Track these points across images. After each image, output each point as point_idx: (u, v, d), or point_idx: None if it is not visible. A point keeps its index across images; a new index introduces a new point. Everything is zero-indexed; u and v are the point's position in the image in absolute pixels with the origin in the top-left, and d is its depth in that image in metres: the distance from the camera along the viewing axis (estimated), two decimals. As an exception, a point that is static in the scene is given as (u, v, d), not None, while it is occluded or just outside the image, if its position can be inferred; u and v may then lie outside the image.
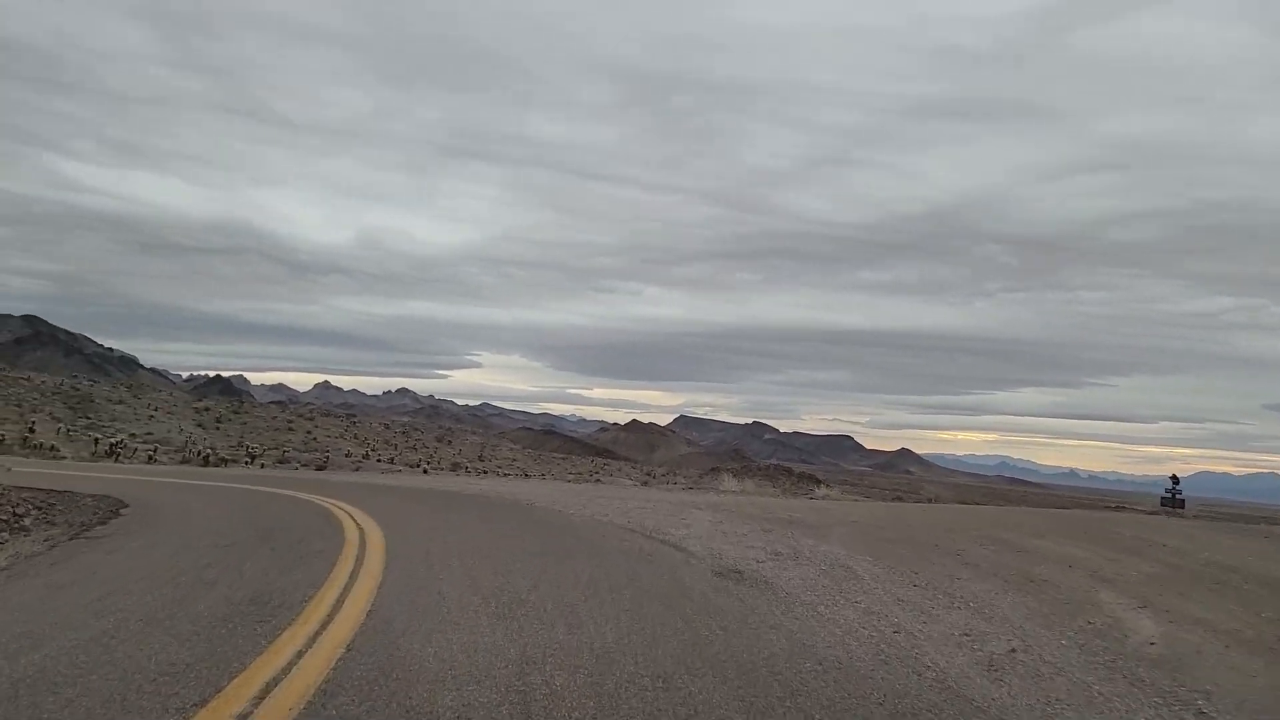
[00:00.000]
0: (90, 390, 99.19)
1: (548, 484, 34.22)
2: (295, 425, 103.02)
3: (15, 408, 76.67)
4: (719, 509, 17.63)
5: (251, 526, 13.27)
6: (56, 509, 14.43)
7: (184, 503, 17.57)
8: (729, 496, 27.23)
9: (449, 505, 18.06)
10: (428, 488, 24.77)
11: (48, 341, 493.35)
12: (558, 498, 20.52)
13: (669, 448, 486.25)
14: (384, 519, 14.34)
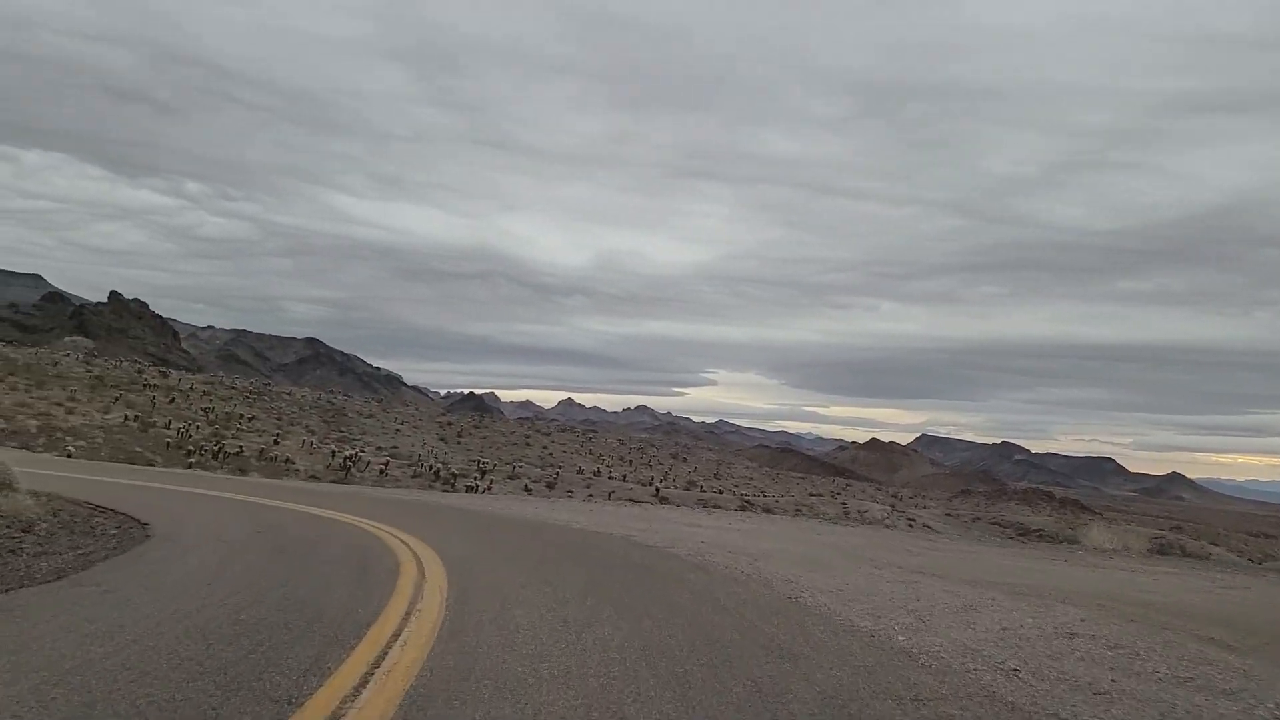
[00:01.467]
0: (344, 405, 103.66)
1: (790, 525, 26.94)
2: (532, 440, 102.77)
3: (276, 421, 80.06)
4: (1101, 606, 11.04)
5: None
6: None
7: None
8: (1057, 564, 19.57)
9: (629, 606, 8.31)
10: (639, 538, 16.83)
11: (325, 361, 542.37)
12: (824, 567, 12.94)
13: (911, 468, 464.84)
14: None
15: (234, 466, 38.63)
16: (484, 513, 20.55)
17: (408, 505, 20.34)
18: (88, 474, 21.93)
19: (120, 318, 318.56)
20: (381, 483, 43.83)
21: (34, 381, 63.16)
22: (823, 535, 21.44)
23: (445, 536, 13.52)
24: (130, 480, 21.96)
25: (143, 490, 18.93)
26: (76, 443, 34.66)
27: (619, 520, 21.34)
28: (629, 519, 22.27)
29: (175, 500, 17.31)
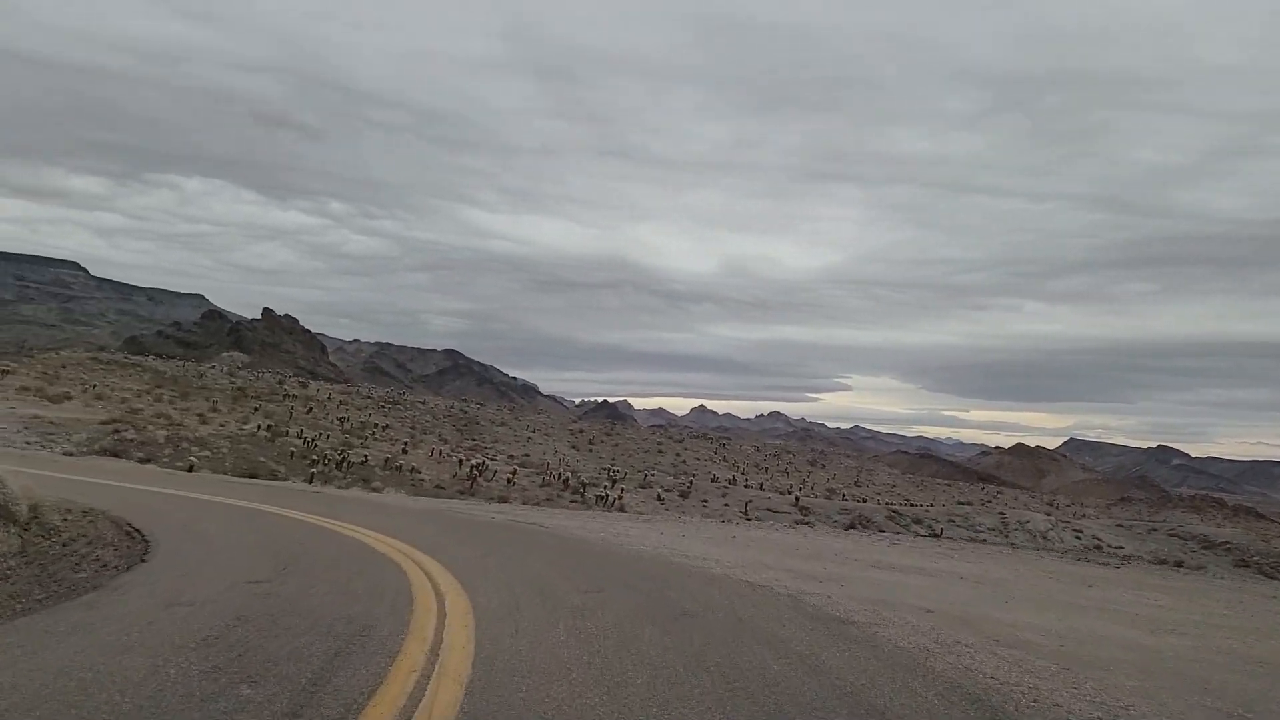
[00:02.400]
0: (477, 413, 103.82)
1: (1020, 565, 20.48)
2: (665, 448, 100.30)
3: (410, 430, 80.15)
4: None
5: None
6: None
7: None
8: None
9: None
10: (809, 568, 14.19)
11: (464, 372, 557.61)
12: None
13: (1060, 474, 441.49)
14: None
15: (357, 476, 37.31)
16: (596, 545, 15.07)
17: (501, 533, 15.94)
18: (175, 487, 20.21)
19: (273, 333, 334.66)
20: (507, 493, 41.87)
21: (179, 393, 64.62)
22: (1098, 589, 15.54)
23: (519, 606, 8.02)
24: (204, 495, 19.61)
25: (203, 507, 16.49)
26: (201, 453, 33.87)
27: (775, 555, 16.27)
28: (789, 554, 16.93)
29: (222, 520, 14.60)
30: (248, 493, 20.07)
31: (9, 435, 33.29)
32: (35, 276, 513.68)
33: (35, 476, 18.44)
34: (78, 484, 18.35)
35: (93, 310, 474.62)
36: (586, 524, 20.96)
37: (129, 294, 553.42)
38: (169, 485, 20.09)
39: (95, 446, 33.57)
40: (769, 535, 23.87)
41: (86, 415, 39.88)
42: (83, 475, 20.66)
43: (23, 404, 41.27)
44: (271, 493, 20.47)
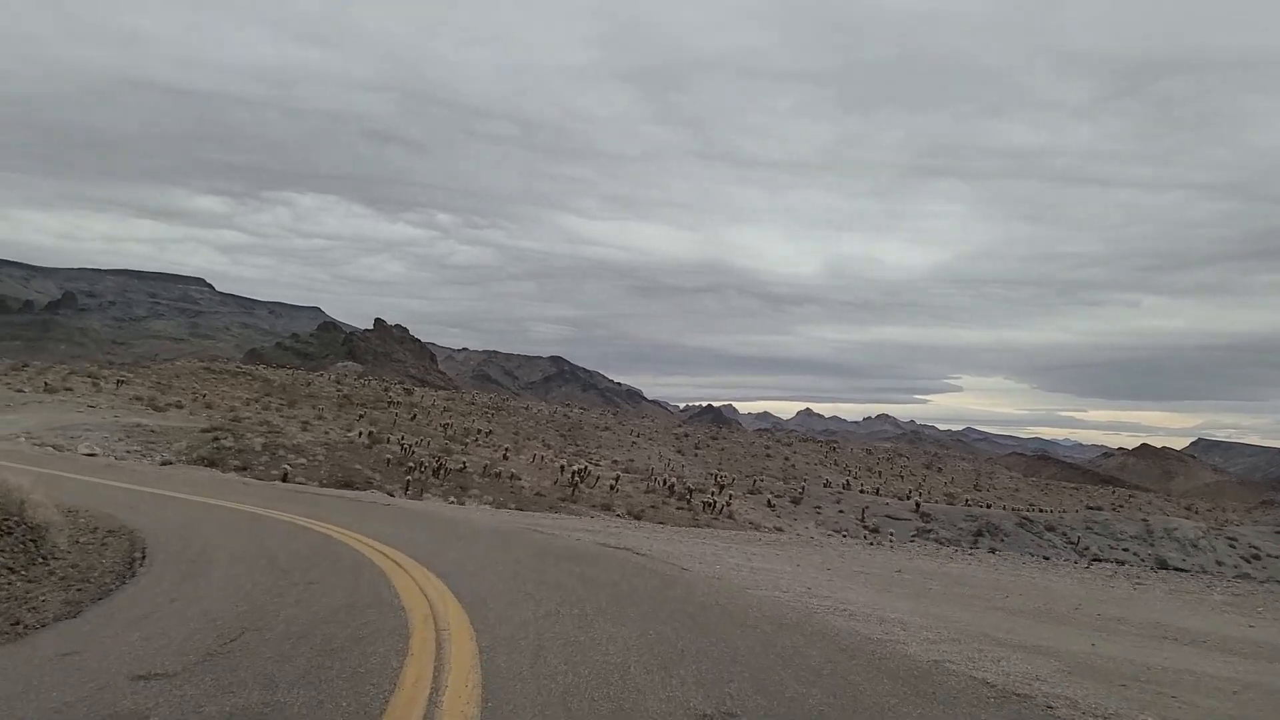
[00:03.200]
0: (580, 418, 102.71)
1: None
2: (773, 452, 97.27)
3: (513, 436, 79.41)
4: None
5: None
6: None
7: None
8: None
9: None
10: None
11: (570, 378, 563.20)
12: None
13: (1189, 475, 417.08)
14: None
15: (454, 484, 35.98)
16: (710, 593, 10.28)
17: (587, 569, 11.52)
18: (242, 499, 18.53)
19: (384, 342, 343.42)
20: (609, 500, 39.98)
21: (287, 401, 65.16)
22: None
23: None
24: (259, 508, 16.81)
25: (240, 523, 14.35)
26: (296, 461, 33.01)
27: (980, 610, 11.71)
28: (995, 605, 12.37)
29: (243, 537, 12.52)
30: (315, 507, 18.08)
31: (109, 444, 33.07)
32: (166, 293, 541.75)
33: (99, 490, 17.27)
34: (143, 497, 17.18)
35: (218, 324, 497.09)
36: (696, 547, 16.62)
37: (251, 308, 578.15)
38: (241, 499, 18.42)
39: (193, 455, 33.07)
40: (944, 568, 18.45)
41: (188, 423, 39.76)
42: (156, 487, 19.46)
43: (128, 412, 41.46)
44: (337, 506, 18.40)
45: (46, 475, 14.77)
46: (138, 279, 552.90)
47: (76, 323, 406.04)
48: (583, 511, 37.43)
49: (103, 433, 34.64)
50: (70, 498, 13.47)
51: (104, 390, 52.18)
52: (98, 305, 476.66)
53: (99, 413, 39.96)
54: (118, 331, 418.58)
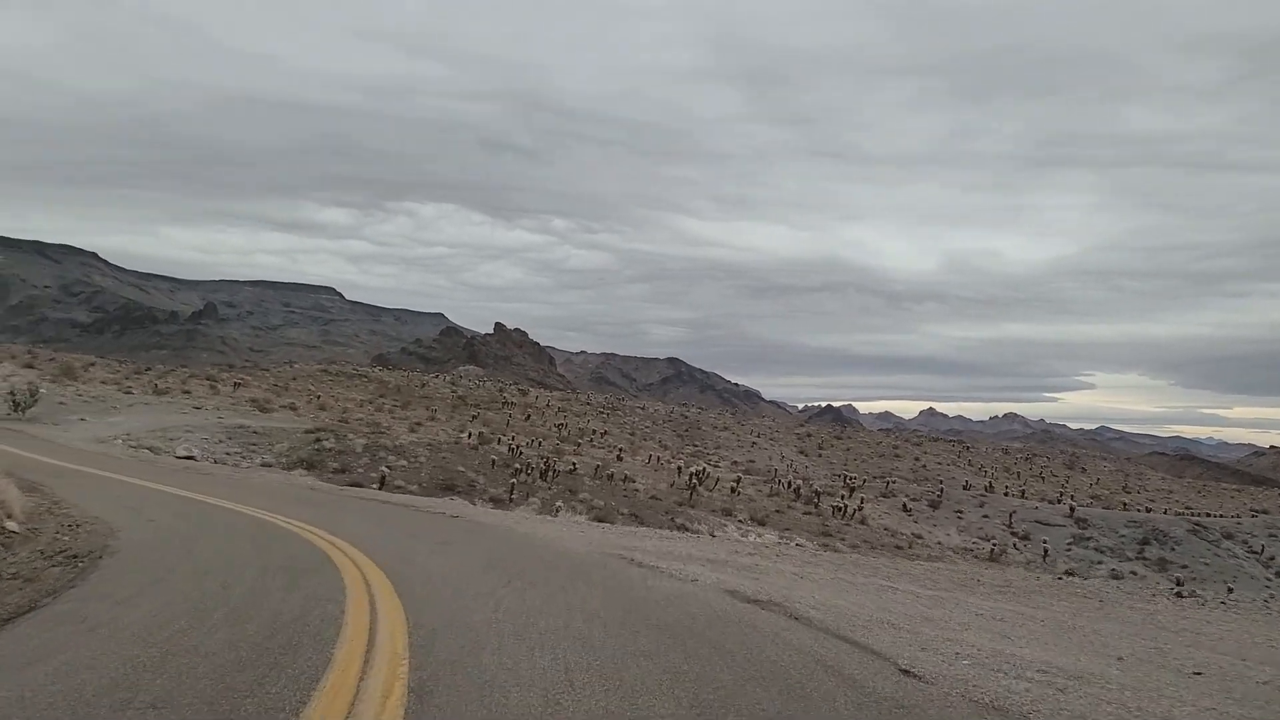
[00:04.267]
0: (698, 418, 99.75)
1: None
2: (902, 451, 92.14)
3: (629, 436, 77.16)
4: None
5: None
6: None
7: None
8: None
9: None
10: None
11: (687, 380, 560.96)
12: None
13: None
14: None
15: (563, 487, 33.58)
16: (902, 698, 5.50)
17: (699, 664, 6.04)
18: (304, 510, 16.16)
19: (504, 346, 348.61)
20: (730, 504, 36.94)
21: (401, 403, 64.54)
22: None
23: None
24: (308, 523, 14.37)
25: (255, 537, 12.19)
26: (397, 463, 31.20)
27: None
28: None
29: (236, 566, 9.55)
30: (363, 521, 14.78)
31: (209, 446, 31.99)
32: (299, 302, 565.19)
33: (134, 495, 15.23)
34: (184, 503, 15.16)
35: (348, 331, 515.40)
36: (886, 602, 10.40)
37: (378, 315, 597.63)
38: (289, 507, 16.05)
39: (293, 458, 31.63)
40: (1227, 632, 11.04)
41: (292, 424, 38.67)
42: (206, 493, 17.49)
43: (233, 414, 40.76)
44: (389, 520, 14.76)
45: (99, 480, 12.65)
46: (273, 289, 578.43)
47: (218, 332, 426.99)
48: (701, 517, 34.52)
49: (203, 434, 33.66)
50: (96, 507, 11.46)
51: (221, 393, 52.13)
52: (237, 315, 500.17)
53: (204, 414, 39.33)
54: (256, 339, 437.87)
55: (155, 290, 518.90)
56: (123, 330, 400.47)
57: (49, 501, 13.07)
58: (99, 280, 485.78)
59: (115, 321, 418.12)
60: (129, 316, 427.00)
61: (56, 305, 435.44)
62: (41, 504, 12.58)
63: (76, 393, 41.12)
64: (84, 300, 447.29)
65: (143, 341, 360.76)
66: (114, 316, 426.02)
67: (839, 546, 32.41)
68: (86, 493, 15.86)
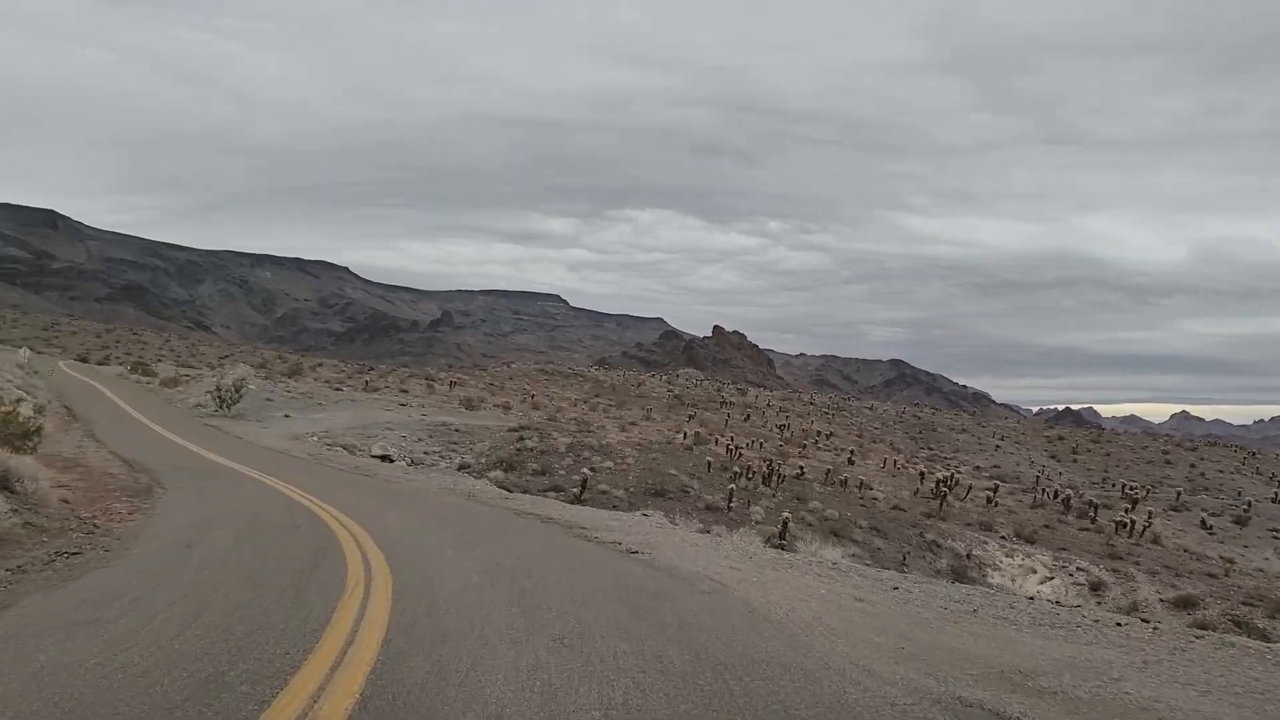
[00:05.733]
0: (932, 419, 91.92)
1: None
2: (1174, 458, 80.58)
3: (856, 438, 71.46)
4: None
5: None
6: None
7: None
8: None
9: None
10: None
11: (911, 382, 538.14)
12: None
13: None
14: None
15: (790, 493, 29.22)
16: None
17: None
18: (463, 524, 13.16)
19: (723, 349, 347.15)
20: (988, 517, 31.22)
21: (616, 402, 62.27)
22: None
23: None
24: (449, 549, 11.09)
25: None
26: (603, 464, 28.01)
27: None
28: None
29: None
30: (518, 564, 11.40)
31: (407, 445, 30.06)
32: (527, 310, 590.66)
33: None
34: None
35: (573, 337, 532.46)
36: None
37: (601, 320, 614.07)
38: (435, 534, 12.74)
39: (493, 457, 29.10)
40: None
41: (496, 422, 36.49)
42: (343, 505, 14.51)
43: (438, 412, 39.19)
44: (568, 561, 10.62)
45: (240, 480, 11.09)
46: (503, 298, 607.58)
47: (454, 338, 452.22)
48: (954, 532, 29.10)
49: (403, 432, 31.86)
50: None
51: (436, 391, 51.49)
52: (471, 323, 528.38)
53: (407, 411, 37.93)
54: (488, 345, 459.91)
55: (399, 301, 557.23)
56: (371, 338, 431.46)
57: (142, 504, 10.40)
58: (350, 293, 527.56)
59: (364, 330, 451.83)
60: (376, 325, 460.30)
61: (315, 316, 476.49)
62: (129, 506, 9.88)
63: (286, 389, 41.10)
64: (338, 311, 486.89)
65: (388, 348, 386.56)
66: (363, 325, 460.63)
67: (1134, 573, 26.12)
68: (203, 495, 13.86)
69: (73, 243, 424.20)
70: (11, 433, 13.35)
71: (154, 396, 40.38)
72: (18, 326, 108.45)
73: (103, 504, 11.37)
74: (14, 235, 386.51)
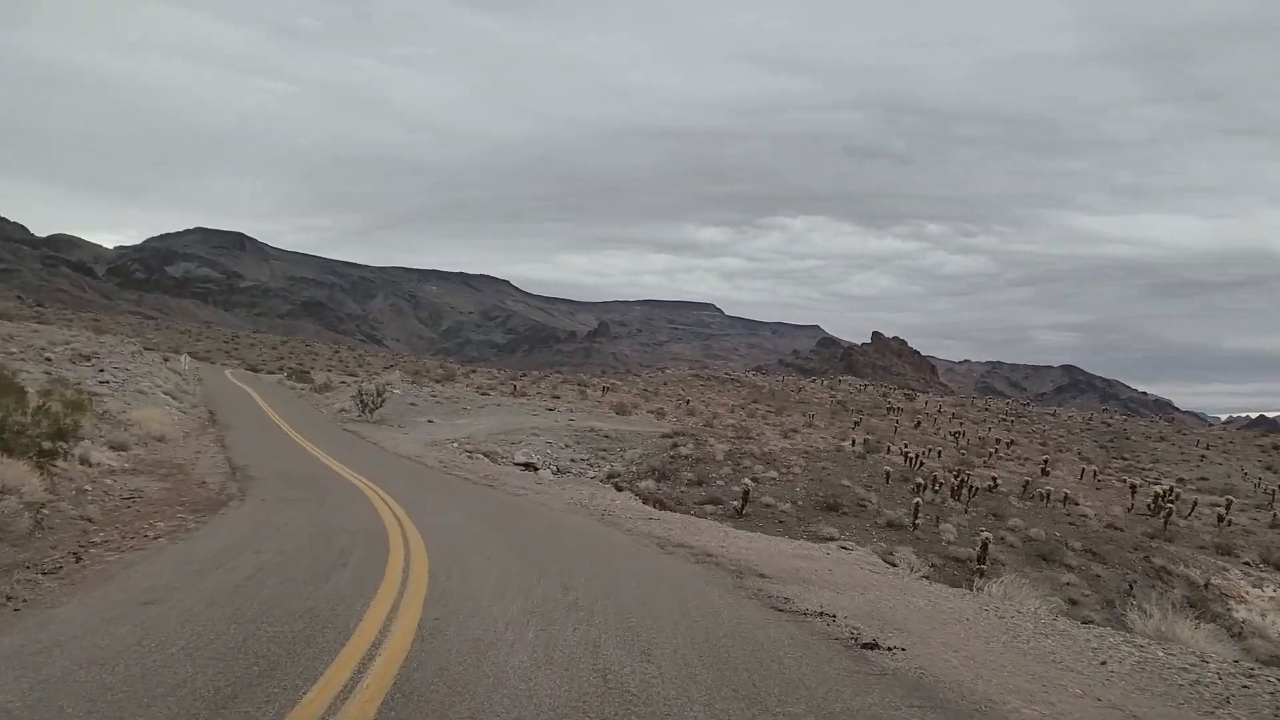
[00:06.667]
0: (1123, 426, 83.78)
1: None
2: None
3: (1040, 447, 65.40)
4: None
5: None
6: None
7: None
8: None
9: None
10: None
11: (1085, 388, 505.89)
12: None
13: None
14: None
15: (984, 508, 25.36)
16: None
17: None
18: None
19: (883, 356, 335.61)
20: (1225, 540, 26.37)
21: (775, 408, 58.99)
22: None
23: None
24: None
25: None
26: (766, 474, 25.07)
27: None
28: None
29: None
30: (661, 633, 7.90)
31: (553, 452, 27.95)
32: (682, 319, 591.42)
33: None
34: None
35: (728, 345, 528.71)
36: None
37: (755, 329, 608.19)
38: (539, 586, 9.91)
39: (644, 466, 26.65)
40: None
41: (648, 428, 34.02)
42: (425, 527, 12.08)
43: (587, 416, 37.07)
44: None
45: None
46: (658, 308, 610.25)
47: (610, 348, 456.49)
48: (1186, 557, 24.54)
49: (549, 438, 29.77)
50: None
51: (589, 397, 49.69)
52: (627, 333, 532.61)
53: (555, 416, 35.93)
54: (644, 355, 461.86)
55: (557, 312, 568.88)
56: (530, 349, 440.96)
57: (194, 522, 8.15)
58: (511, 305, 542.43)
59: (524, 341, 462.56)
60: (535, 336, 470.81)
61: (478, 328, 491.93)
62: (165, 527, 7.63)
63: (431, 394, 40.02)
64: (499, 323, 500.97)
65: (547, 359, 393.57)
66: (523, 337, 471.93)
67: None
68: (276, 511, 11.58)
69: (259, 262, 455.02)
70: (38, 432, 11.35)
71: (303, 402, 40.09)
72: (202, 339, 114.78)
73: (144, 521, 9.40)
74: (207, 257, 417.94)
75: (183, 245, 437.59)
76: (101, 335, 49.52)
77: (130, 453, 16.39)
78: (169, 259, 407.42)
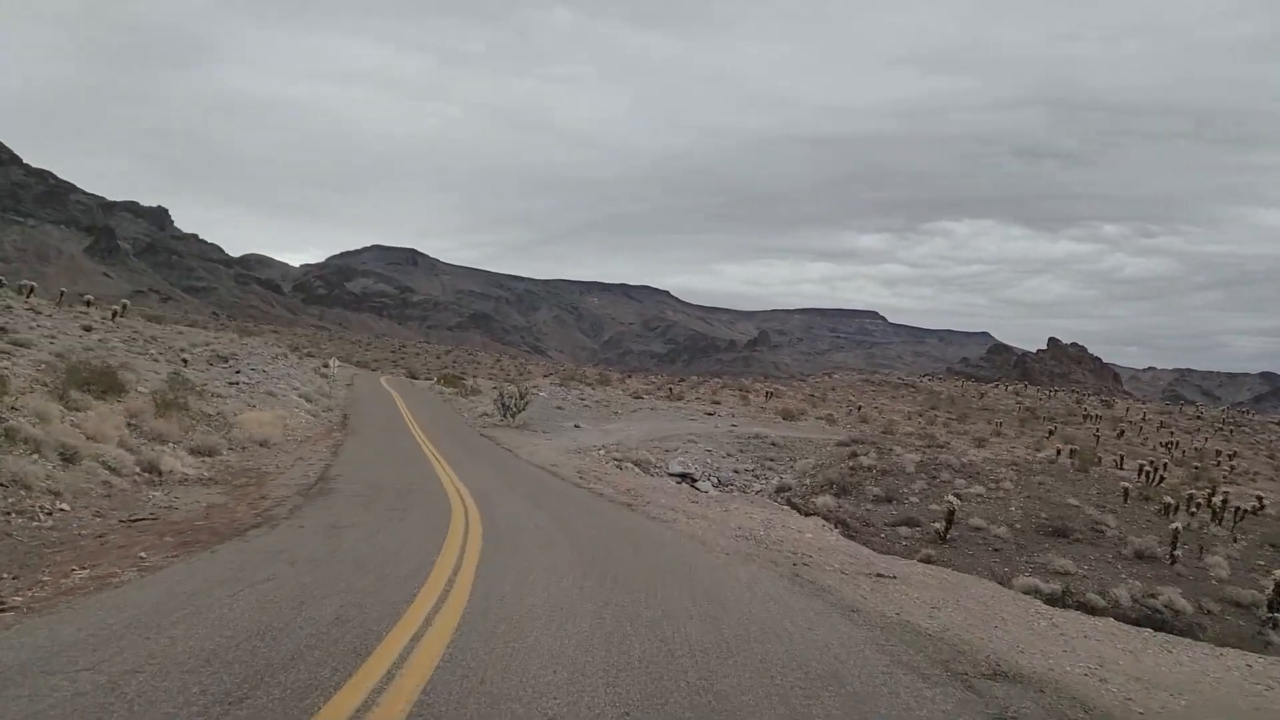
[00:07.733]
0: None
1: None
2: None
3: (1267, 460, 57.01)
4: None
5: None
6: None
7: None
8: None
9: None
10: None
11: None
12: None
13: None
14: None
15: (1259, 535, 20.12)
16: None
17: None
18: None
19: (1060, 363, 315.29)
20: None
21: (956, 415, 53.57)
22: None
23: None
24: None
25: None
26: (970, 490, 20.77)
27: None
28: None
29: None
30: None
31: (712, 461, 24.53)
32: (844, 327, 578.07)
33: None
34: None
35: (892, 354, 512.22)
36: None
37: (921, 337, 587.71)
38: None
39: (820, 479, 22.82)
40: None
41: (819, 435, 30.04)
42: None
43: (750, 422, 33.42)
44: None
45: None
46: (819, 316, 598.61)
47: (771, 357, 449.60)
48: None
49: (708, 445, 26.33)
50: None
51: (751, 403, 46.01)
52: (787, 341, 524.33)
53: (714, 422, 32.46)
54: (805, 364, 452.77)
55: (717, 322, 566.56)
56: (691, 359, 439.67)
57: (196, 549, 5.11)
58: (671, 315, 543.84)
59: (684, 351, 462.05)
60: (695, 346, 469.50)
61: (638, 339, 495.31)
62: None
63: (580, 397, 37.30)
64: (660, 333, 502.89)
65: (707, 368, 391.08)
66: (683, 346, 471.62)
67: None
68: (320, 537, 8.47)
69: (430, 277, 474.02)
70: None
71: (446, 406, 38.26)
72: (370, 349, 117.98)
73: (86, 559, 6.49)
74: (383, 273, 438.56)
75: (360, 262, 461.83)
76: (245, 338, 49.76)
77: (218, 458, 14.07)
78: (349, 275, 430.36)
